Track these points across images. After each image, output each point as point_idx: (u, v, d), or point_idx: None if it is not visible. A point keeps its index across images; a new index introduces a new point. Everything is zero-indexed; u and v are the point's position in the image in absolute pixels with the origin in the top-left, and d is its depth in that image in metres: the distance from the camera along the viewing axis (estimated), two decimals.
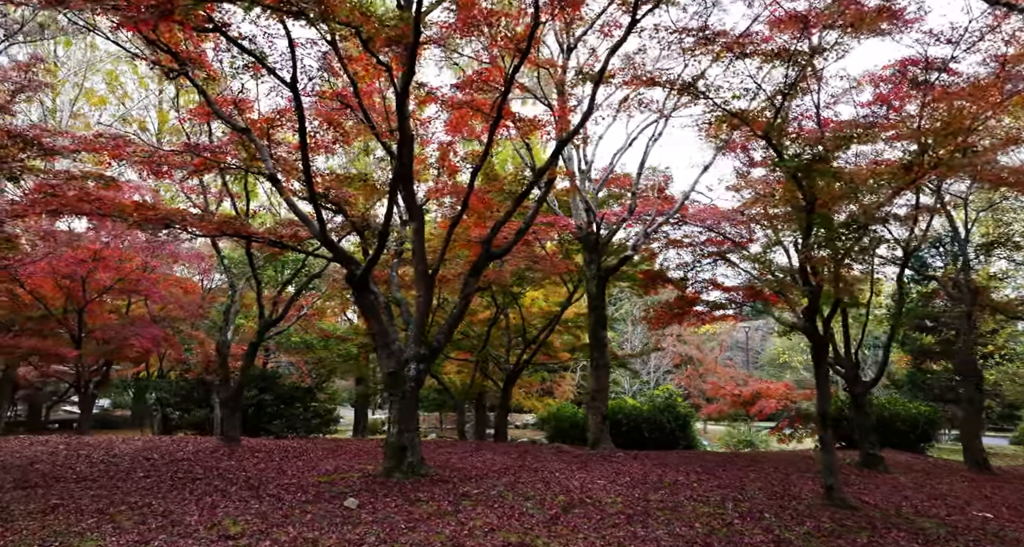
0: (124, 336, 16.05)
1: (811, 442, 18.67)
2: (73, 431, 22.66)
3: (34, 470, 7.60)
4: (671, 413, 16.86)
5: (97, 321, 16.31)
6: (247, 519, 5.39)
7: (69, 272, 14.47)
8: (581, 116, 6.70)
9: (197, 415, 18.49)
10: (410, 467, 6.79)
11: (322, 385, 20.15)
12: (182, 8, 4.41)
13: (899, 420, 15.75)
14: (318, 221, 6.30)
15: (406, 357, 6.92)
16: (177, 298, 19.21)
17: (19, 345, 14.61)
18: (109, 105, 23.10)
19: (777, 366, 40.64)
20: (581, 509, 5.80)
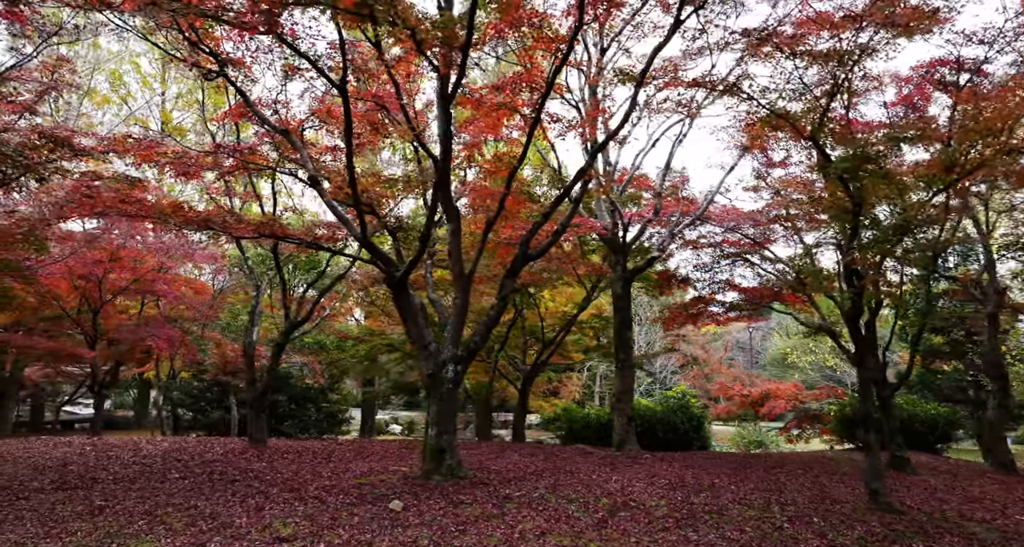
0: (140, 336, 16.05)
1: (819, 443, 18.61)
2: (74, 432, 22.63)
3: (69, 471, 7.60)
4: (685, 414, 16.80)
5: (110, 322, 16.30)
6: (296, 521, 5.38)
7: (86, 273, 14.47)
8: (622, 117, 6.68)
9: (212, 416, 18.47)
10: (449, 469, 6.77)
11: (334, 386, 20.16)
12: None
13: (917, 421, 15.70)
14: (360, 223, 6.28)
15: (444, 359, 6.91)
16: (188, 298, 19.24)
17: (37, 346, 14.63)
18: (112, 104, 23.12)
19: (779, 366, 40.59)
20: (627, 513, 5.78)
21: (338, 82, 5.37)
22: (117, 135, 9.72)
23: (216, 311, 19.92)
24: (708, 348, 33.96)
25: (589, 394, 34.24)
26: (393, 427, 29.18)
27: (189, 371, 21.42)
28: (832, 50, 5.27)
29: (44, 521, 5.26)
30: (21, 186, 9.61)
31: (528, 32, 6.07)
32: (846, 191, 5.53)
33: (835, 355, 31.68)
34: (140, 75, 23.61)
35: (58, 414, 24.02)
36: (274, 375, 17.70)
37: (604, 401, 34.71)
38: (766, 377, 28.90)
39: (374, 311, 18.05)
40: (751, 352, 42.85)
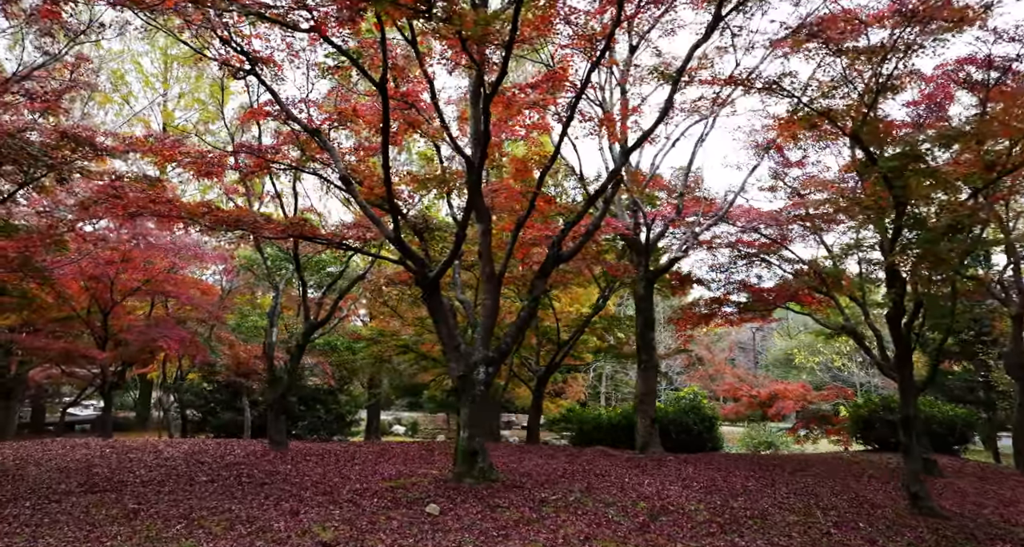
0: (152, 337, 15.96)
1: (827, 443, 18.50)
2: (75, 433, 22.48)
3: (94, 474, 7.53)
4: (697, 414, 16.70)
5: (118, 323, 16.21)
6: (335, 526, 5.31)
7: (97, 273, 14.39)
8: (656, 115, 6.61)
9: (223, 418, 18.39)
10: (481, 472, 6.69)
11: (344, 387, 20.09)
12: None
13: (935, 422, 15.58)
14: (393, 224, 6.20)
15: (474, 360, 6.83)
16: (196, 299, 19.19)
17: (50, 347, 14.57)
18: (113, 104, 23.08)
19: (781, 366, 40.47)
20: (667, 517, 5.70)
21: (378, 80, 5.30)
22: (137, 135, 9.66)
23: (225, 312, 19.85)
24: (712, 348, 33.81)
25: (595, 395, 34.13)
26: (396, 428, 29.12)
27: (198, 372, 21.36)
28: (879, 46, 5.19)
29: (80, 525, 5.19)
30: (41, 186, 9.56)
31: (563, 29, 6.01)
32: (889, 190, 5.45)
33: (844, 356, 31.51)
34: (142, 75, 23.57)
35: (63, 415, 23.92)
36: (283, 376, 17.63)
37: (610, 401, 34.61)
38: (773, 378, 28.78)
39: (385, 311, 17.97)
40: (754, 352, 42.79)
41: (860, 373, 32.14)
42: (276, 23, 5.15)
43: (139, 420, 26.94)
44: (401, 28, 5.59)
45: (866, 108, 5.52)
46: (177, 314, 18.48)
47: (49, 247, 8.54)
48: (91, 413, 26.62)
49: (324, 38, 5.09)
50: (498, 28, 4.91)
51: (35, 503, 5.91)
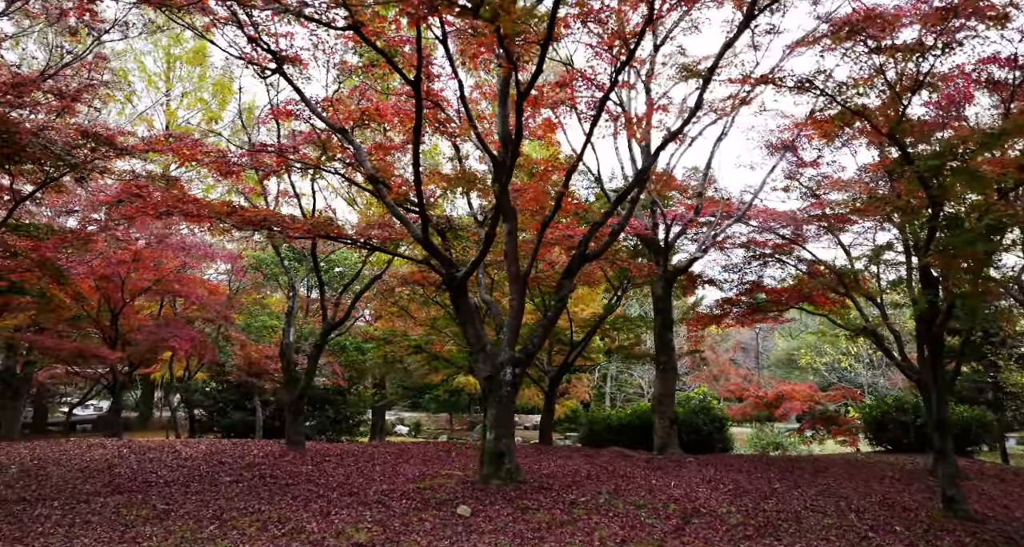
0: (163, 337, 15.93)
1: (833, 444, 18.41)
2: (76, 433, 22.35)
3: (117, 474, 7.50)
4: (707, 415, 16.64)
5: (128, 322, 16.17)
6: (368, 527, 5.27)
7: (109, 273, 14.37)
8: (688, 113, 6.55)
9: (233, 418, 18.35)
10: (508, 473, 6.65)
11: (353, 388, 20.06)
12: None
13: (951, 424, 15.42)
14: (422, 223, 6.16)
15: (501, 361, 6.79)
16: (205, 299, 19.17)
17: (63, 347, 14.55)
18: (115, 102, 23.06)
19: (784, 367, 40.36)
20: (700, 520, 5.65)
21: (412, 79, 5.26)
22: (157, 134, 9.64)
23: (233, 312, 19.84)
24: (716, 349, 33.67)
25: (599, 395, 34.07)
26: (399, 428, 29.08)
27: (207, 372, 21.33)
28: (917, 43, 5.14)
29: (113, 525, 5.16)
30: (59, 185, 9.54)
31: (592, 28, 5.96)
32: (925, 190, 5.40)
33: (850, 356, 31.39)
34: (145, 74, 23.57)
35: (70, 415, 23.89)
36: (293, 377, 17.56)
37: (615, 402, 34.53)
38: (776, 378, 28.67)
39: (393, 311, 17.91)
40: (757, 353, 42.75)
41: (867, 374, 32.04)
42: (313, 21, 5.11)
43: (140, 420, 26.92)
44: (430, 25, 5.56)
45: (901, 106, 5.47)
46: (184, 314, 18.47)
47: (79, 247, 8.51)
48: (91, 413, 26.41)
49: (361, 36, 5.05)
50: (533, 26, 4.88)
51: (63, 503, 5.88)
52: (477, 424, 29.02)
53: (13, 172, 8.28)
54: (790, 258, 13.91)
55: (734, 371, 30.64)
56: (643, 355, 18.59)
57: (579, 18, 5.70)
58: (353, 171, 8.13)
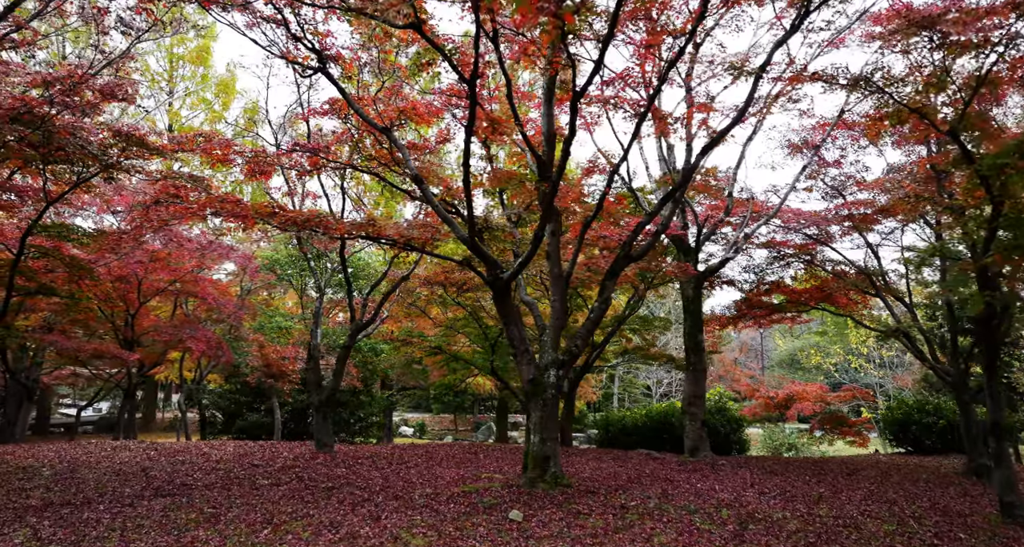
0: (179, 338, 15.88)
1: (841, 444, 18.27)
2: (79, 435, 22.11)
3: (153, 477, 7.43)
4: (723, 416, 16.55)
5: (142, 323, 16.09)
6: (422, 532, 5.19)
7: (126, 273, 14.32)
8: (737, 112, 6.45)
9: (249, 419, 18.28)
10: (553, 477, 6.56)
11: (367, 389, 19.98)
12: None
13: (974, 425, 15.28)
14: (469, 224, 6.08)
15: (544, 363, 6.71)
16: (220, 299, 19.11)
17: (83, 349, 14.49)
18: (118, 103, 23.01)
19: (786, 367, 40.23)
20: (757, 526, 5.55)
21: (469, 78, 5.18)
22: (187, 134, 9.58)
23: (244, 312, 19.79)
24: (722, 349, 33.51)
25: (607, 396, 33.95)
26: (404, 429, 29.01)
27: (221, 374, 21.25)
28: (983, 40, 5.04)
29: (166, 529, 5.09)
30: (90, 187, 9.48)
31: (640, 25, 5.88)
32: (987, 190, 5.30)
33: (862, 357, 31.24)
34: (149, 74, 23.57)
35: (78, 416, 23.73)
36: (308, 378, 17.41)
37: (623, 402, 34.39)
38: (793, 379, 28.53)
39: (411, 312, 17.85)
40: (762, 353, 42.61)
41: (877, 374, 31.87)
42: (374, 18, 5.03)
43: (145, 421, 26.81)
44: (482, 22, 5.47)
45: (963, 104, 5.37)
46: (195, 315, 18.39)
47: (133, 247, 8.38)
48: (91, 414, 26.06)
49: (421, 34, 4.97)
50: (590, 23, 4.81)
51: (108, 507, 5.82)
52: (481, 425, 28.90)
53: (46, 172, 8.24)
54: (814, 258, 13.82)
55: (739, 371, 30.49)
56: (659, 356, 18.47)
57: (631, 15, 5.62)
58: (387, 170, 8.05)
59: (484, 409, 32.35)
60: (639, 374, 35.49)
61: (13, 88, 8.28)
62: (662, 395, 35.23)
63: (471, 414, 31.88)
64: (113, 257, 12.83)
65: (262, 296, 24.10)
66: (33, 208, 10.36)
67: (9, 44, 6.74)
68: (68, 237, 8.65)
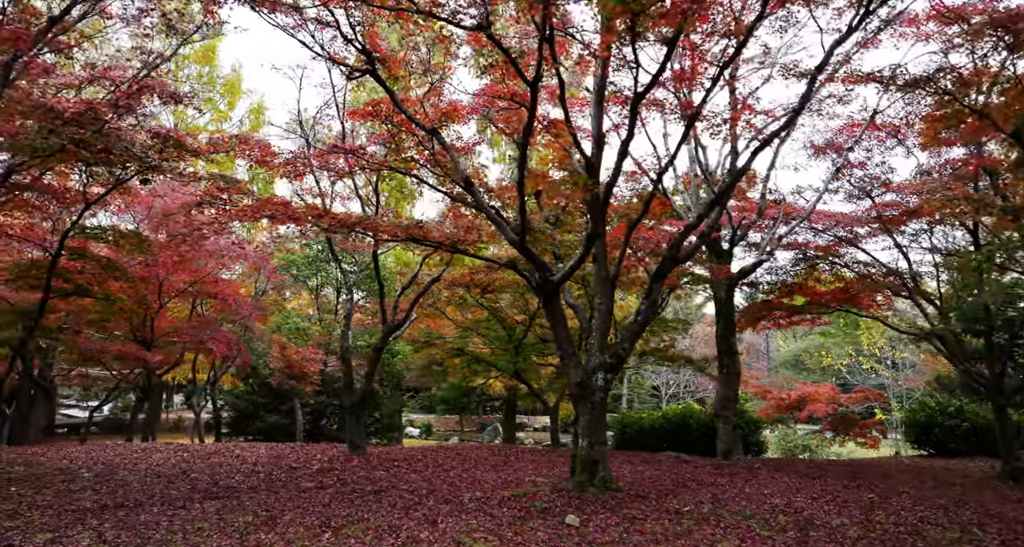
0: (200, 339, 15.88)
1: (852, 445, 18.19)
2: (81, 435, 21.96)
3: (196, 479, 7.41)
4: (742, 418, 16.42)
5: (160, 324, 16.07)
6: (483, 537, 5.15)
7: (148, 274, 14.33)
8: (791, 113, 6.41)
9: (268, 421, 18.24)
10: (603, 482, 6.52)
11: (386, 390, 19.95)
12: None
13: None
14: (521, 226, 6.05)
15: (592, 366, 6.67)
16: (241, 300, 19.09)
17: (106, 350, 14.50)
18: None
19: (791, 368, 40.09)
20: (818, 533, 5.49)
21: (531, 80, 5.14)
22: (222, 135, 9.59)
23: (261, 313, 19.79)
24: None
25: (615, 397, 33.85)
26: (410, 430, 28.96)
27: (238, 375, 21.22)
28: None
29: (226, 532, 5.06)
30: (128, 188, 9.48)
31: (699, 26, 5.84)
32: None
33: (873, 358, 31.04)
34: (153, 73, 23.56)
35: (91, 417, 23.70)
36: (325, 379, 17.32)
37: (632, 404, 34.26)
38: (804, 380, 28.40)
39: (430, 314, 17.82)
40: (767, 354, 42.42)
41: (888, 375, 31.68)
42: (441, 20, 5.01)
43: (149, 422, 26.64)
44: (537, 23, 5.44)
45: None
46: (211, 315, 18.39)
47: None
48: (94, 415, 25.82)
49: (489, 36, 4.94)
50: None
51: (162, 509, 5.79)
52: (487, 425, 28.82)
53: (88, 174, 8.24)
54: (841, 259, 13.74)
55: (747, 372, 30.29)
56: (677, 358, 18.44)
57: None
58: (426, 172, 8.03)
59: (488, 410, 32.29)
60: (646, 375, 35.38)
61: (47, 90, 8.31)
62: (670, 397, 35.13)
63: (476, 415, 31.82)
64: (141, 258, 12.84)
65: (272, 297, 24.14)
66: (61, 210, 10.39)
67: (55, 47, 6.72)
68: (104, 238, 8.64)
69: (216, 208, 6.73)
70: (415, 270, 10.86)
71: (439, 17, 4.94)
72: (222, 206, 6.72)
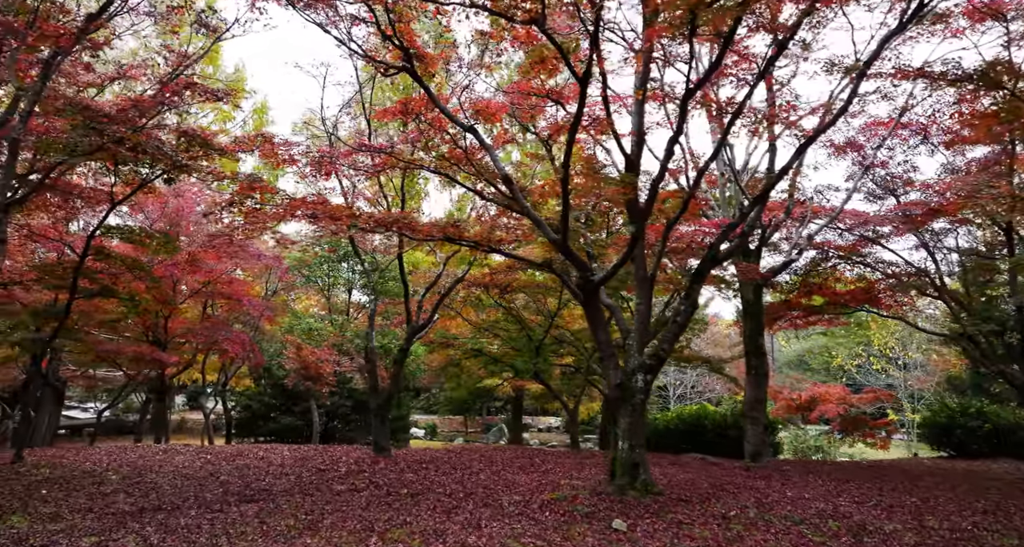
0: (215, 340, 15.80)
1: (862, 446, 18.06)
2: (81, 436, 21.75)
3: (227, 482, 7.32)
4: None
5: (173, 324, 15.99)
6: (531, 542, 5.04)
7: (164, 274, 14.25)
8: (837, 111, 6.30)
9: (281, 422, 18.14)
10: (644, 485, 6.41)
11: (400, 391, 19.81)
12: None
13: (1021, 429, 15.00)
14: (563, 226, 5.94)
15: (631, 368, 6.56)
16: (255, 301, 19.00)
17: (123, 351, 14.44)
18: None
19: (795, 368, 39.94)
20: (872, 539, 5.38)
21: (581, 76, 5.05)
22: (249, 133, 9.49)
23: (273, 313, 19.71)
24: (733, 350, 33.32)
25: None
26: (415, 430, 28.90)
27: (251, 375, 21.14)
28: None
29: (270, 536, 4.96)
30: (152, 188, 9.41)
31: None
32: None
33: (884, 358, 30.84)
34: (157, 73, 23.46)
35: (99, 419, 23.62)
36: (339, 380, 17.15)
37: None
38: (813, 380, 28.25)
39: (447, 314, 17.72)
40: (772, 355, 42.17)
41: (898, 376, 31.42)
42: (495, 14, 4.92)
43: (155, 423, 26.56)
44: (584, 20, 5.35)
45: None
46: (222, 316, 18.32)
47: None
48: (91, 416, 25.80)
49: (541, 30, 4.84)
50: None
51: (201, 513, 5.70)
52: (492, 426, 28.70)
53: (115, 173, 8.17)
54: (864, 259, 13.61)
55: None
56: (693, 358, 18.33)
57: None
58: (457, 171, 7.93)
59: (491, 410, 32.12)
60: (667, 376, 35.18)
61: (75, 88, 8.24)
62: (678, 397, 35.01)
63: (479, 416, 31.67)
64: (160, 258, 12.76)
65: (282, 297, 24.11)
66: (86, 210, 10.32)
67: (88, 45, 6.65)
68: (131, 238, 8.57)
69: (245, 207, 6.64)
70: (438, 270, 10.76)
71: (493, 11, 4.86)
72: (254, 206, 6.64)
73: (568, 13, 4.95)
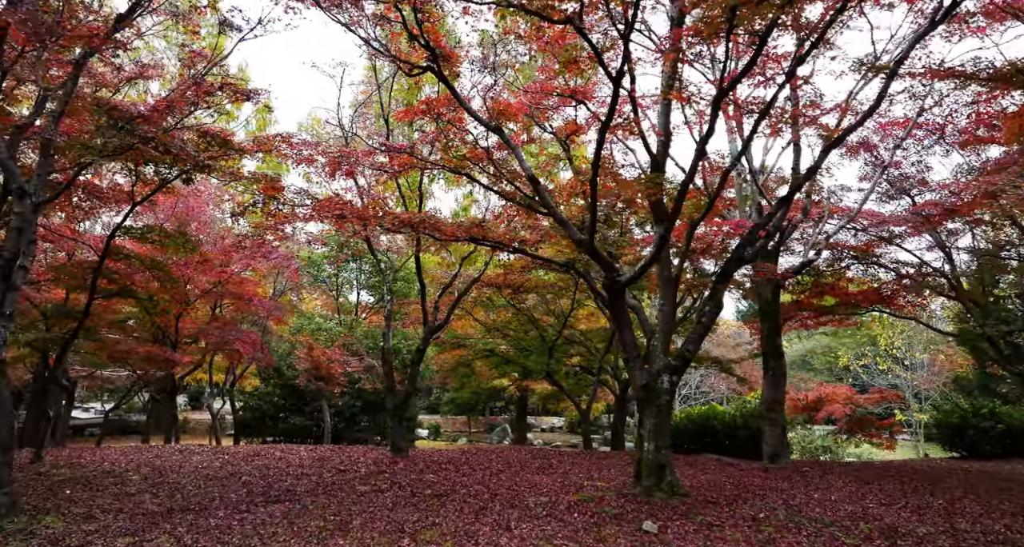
0: (226, 340, 15.78)
1: (868, 446, 18.03)
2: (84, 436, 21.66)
3: (250, 483, 7.30)
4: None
5: (183, 324, 15.97)
6: (563, 543, 5.03)
7: (177, 274, 14.24)
8: (866, 110, 6.28)
9: (291, 422, 18.11)
10: (670, 486, 6.38)
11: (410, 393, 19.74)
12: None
13: None
14: (590, 227, 5.92)
15: (657, 369, 6.53)
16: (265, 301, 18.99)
17: (136, 351, 14.44)
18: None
19: (798, 368, 39.88)
20: (905, 542, 5.34)
21: (614, 74, 5.03)
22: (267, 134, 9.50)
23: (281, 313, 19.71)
24: (738, 350, 33.36)
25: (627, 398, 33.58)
26: (419, 431, 28.88)
27: (261, 375, 21.12)
28: None
29: (302, 537, 4.95)
30: (171, 188, 9.40)
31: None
32: None
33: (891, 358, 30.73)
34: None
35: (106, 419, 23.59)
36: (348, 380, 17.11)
37: None
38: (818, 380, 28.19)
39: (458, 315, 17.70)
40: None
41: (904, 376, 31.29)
42: (531, 14, 4.90)
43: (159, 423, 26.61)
44: (614, 19, 5.32)
45: None
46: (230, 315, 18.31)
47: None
48: (92, 416, 25.77)
49: (578, 30, 4.83)
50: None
51: (228, 513, 5.68)
52: (495, 426, 28.68)
53: (136, 174, 8.17)
54: (878, 259, 13.59)
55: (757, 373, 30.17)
56: (703, 359, 18.32)
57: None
58: (480, 171, 7.92)
59: (494, 411, 32.07)
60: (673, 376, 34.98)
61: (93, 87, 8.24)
62: (683, 398, 34.97)
63: (482, 416, 31.64)
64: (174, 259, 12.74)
65: (287, 297, 24.14)
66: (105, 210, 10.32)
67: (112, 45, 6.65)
68: (150, 238, 8.56)
69: (270, 208, 6.62)
70: (453, 271, 10.74)
71: (529, 10, 4.84)
72: (279, 209, 6.62)
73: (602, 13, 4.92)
